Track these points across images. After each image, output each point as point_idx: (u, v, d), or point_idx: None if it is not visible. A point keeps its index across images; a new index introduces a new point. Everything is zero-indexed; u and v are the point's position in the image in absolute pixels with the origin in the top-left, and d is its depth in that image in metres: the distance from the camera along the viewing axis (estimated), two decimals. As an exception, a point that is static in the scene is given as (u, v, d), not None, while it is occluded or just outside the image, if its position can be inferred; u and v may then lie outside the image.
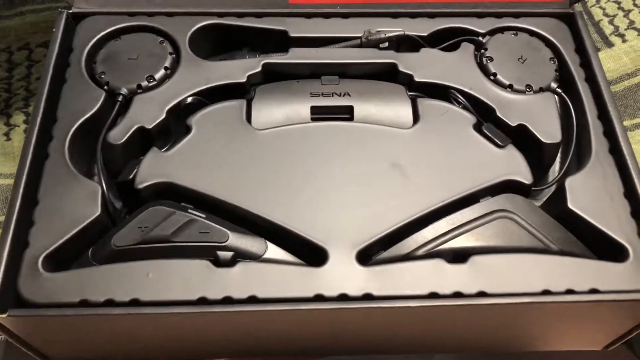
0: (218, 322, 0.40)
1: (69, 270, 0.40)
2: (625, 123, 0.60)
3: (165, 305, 0.38)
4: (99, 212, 0.42)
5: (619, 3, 0.69)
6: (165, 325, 0.41)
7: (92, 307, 0.38)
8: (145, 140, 0.46)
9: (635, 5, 0.68)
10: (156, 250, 0.41)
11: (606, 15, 0.68)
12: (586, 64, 0.51)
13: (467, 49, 0.52)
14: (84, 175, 0.44)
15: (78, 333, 0.42)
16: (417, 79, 0.50)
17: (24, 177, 0.42)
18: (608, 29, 0.66)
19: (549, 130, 0.47)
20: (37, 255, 0.40)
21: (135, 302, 0.39)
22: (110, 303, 0.39)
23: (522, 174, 0.45)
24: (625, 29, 0.66)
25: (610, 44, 0.65)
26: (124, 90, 0.48)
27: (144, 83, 0.48)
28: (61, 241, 0.41)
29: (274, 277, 0.40)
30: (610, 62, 0.64)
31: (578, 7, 0.55)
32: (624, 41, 0.65)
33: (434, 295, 0.40)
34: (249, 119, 0.47)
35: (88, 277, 0.40)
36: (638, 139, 0.60)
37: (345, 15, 0.53)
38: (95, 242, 0.42)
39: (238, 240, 0.42)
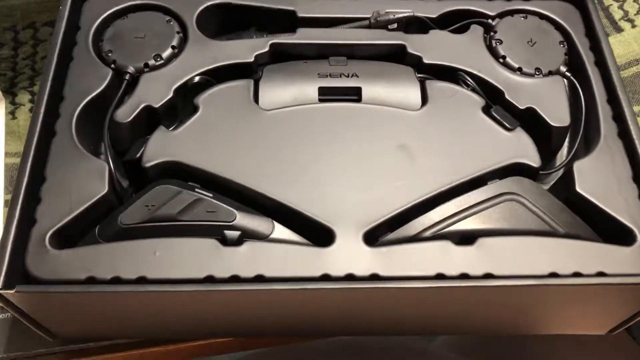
0: (225, 300, 0.41)
1: (76, 247, 0.40)
2: (634, 109, 0.59)
3: (171, 283, 0.38)
4: (106, 190, 0.42)
5: (629, -12, 0.68)
6: (171, 303, 0.41)
7: (99, 284, 0.39)
8: (152, 119, 0.46)
9: (645, -10, 0.68)
10: (163, 229, 0.41)
11: (616, 0, 0.67)
12: (596, 47, 0.51)
13: (476, 31, 0.52)
14: (91, 153, 0.44)
15: (84, 310, 0.42)
16: (425, 61, 0.49)
17: (31, 154, 0.42)
18: (617, 14, 0.66)
19: (557, 114, 0.47)
20: (44, 233, 0.40)
21: (141, 280, 0.39)
22: (117, 280, 0.39)
23: (530, 157, 0.45)
24: (635, 14, 0.66)
25: (619, 29, 0.65)
26: (131, 69, 0.47)
27: (151, 62, 0.48)
28: (68, 218, 0.41)
29: (281, 256, 0.40)
30: (619, 47, 0.64)
31: (588, -10, 0.55)
32: (633, 26, 0.65)
33: (440, 277, 0.40)
34: (256, 99, 0.46)
35: (95, 254, 0.40)
36: (646, 124, 0.59)
37: (353, -4, 0.53)
38: (102, 220, 0.42)
39: (245, 219, 0.42)
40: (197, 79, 0.48)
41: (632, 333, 0.55)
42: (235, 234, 0.41)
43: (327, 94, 0.47)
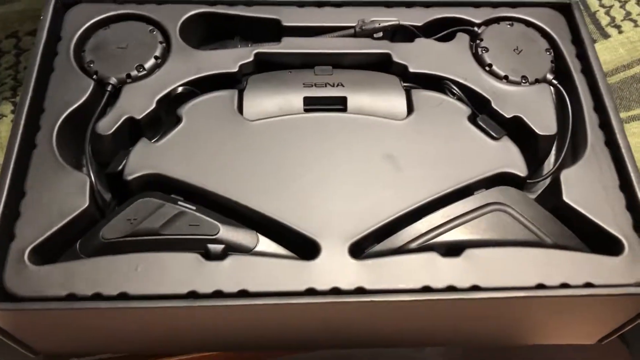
0: (208, 316, 0.40)
1: (56, 263, 0.40)
2: (621, 115, 0.59)
3: (154, 299, 0.38)
4: (87, 203, 0.41)
5: (616, -6, 0.68)
6: (154, 319, 0.40)
7: (80, 300, 0.38)
8: (135, 130, 0.45)
9: (632, -5, 0.68)
10: (145, 243, 0.40)
11: (602, 6, 0.67)
12: (582, 55, 0.50)
13: (462, 39, 0.51)
14: (72, 166, 0.43)
15: (66, 327, 0.41)
16: (411, 70, 0.49)
17: (11, 168, 0.41)
18: (604, 20, 0.66)
19: (544, 122, 0.47)
20: (23, 248, 0.39)
21: (123, 296, 0.38)
22: (98, 297, 0.38)
23: (517, 166, 0.45)
24: (622, 20, 0.66)
25: (606, 35, 0.65)
26: (113, 80, 0.47)
27: (134, 72, 0.47)
28: (48, 233, 0.40)
29: (265, 270, 0.39)
30: (606, 53, 0.64)
31: (574, -3, 0.54)
32: (620, 32, 0.65)
33: (427, 289, 0.39)
34: (240, 109, 0.46)
35: (76, 270, 0.39)
36: (634, 131, 0.59)
37: (338, 4, 0.52)
38: (84, 235, 0.42)
39: (229, 232, 0.41)
40: (180, 89, 0.47)
41: (625, 340, 0.54)
42: (218, 247, 0.40)
43: (312, 104, 0.47)
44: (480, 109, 0.48)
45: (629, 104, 0.61)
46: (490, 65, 0.49)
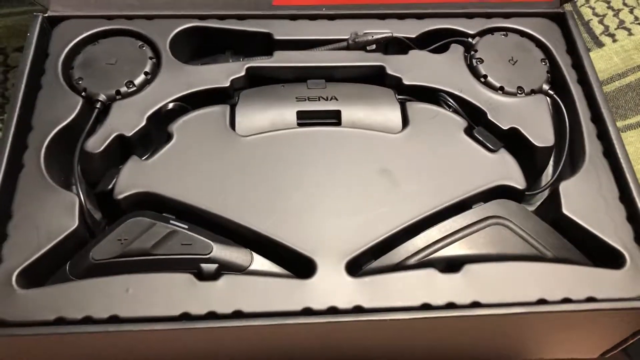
0: (201, 338, 0.39)
1: (44, 286, 0.38)
2: (617, 124, 0.59)
3: (145, 321, 0.37)
4: (76, 224, 0.40)
5: (609, 2, 0.68)
6: (146, 342, 0.39)
7: (69, 324, 0.37)
8: (125, 148, 0.44)
9: (624, 4, 0.67)
10: (136, 264, 0.39)
11: (596, 14, 0.67)
12: (578, 64, 0.50)
13: (456, 50, 0.51)
14: (61, 186, 0.42)
15: (55, 352, 0.40)
16: (405, 82, 0.48)
17: (-3, 188, 0.40)
18: (598, 29, 0.66)
19: (541, 134, 0.46)
20: (11, 271, 0.38)
21: (114, 319, 0.37)
22: (87, 320, 0.37)
23: (515, 178, 0.44)
24: (616, 29, 0.65)
25: (600, 44, 0.65)
26: (102, 97, 0.46)
27: (123, 89, 0.46)
28: (36, 256, 0.39)
29: (260, 290, 0.38)
30: (601, 62, 0.63)
31: (568, 6, 0.54)
32: (614, 41, 0.65)
33: (426, 307, 0.38)
34: (232, 125, 0.45)
35: (65, 293, 0.38)
36: (630, 140, 0.59)
37: (331, 17, 0.52)
38: (73, 256, 0.40)
39: (222, 251, 0.40)
40: (170, 105, 0.46)
41: (628, 353, 0.53)
42: (212, 267, 0.39)
43: (305, 118, 0.46)
44: (476, 121, 0.47)
45: (624, 112, 0.60)
46: (485, 77, 0.49)
